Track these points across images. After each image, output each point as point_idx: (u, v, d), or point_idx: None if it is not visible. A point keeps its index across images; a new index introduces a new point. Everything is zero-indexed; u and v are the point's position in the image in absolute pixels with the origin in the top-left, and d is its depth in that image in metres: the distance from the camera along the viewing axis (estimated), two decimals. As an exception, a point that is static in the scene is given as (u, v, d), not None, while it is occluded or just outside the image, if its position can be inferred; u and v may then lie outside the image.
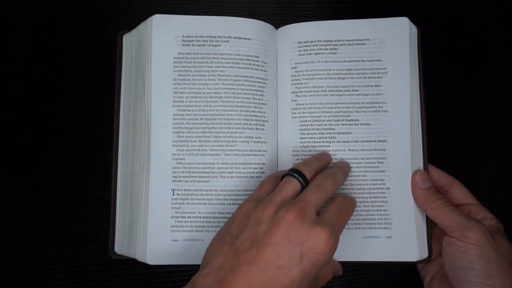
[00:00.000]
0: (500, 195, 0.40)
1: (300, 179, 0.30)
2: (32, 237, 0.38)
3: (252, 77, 0.36)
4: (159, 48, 0.36)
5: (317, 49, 0.37)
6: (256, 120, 0.36)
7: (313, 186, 0.29)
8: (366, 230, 0.35)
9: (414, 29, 0.37)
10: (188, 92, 0.36)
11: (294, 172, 0.30)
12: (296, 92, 0.37)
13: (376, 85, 0.36)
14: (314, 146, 0.36)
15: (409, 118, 0.35)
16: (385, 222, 0.35)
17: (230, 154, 0.35)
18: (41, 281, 0.38)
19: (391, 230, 0.35)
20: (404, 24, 0.37)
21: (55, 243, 0.38)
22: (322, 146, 0.36)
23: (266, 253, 0.26)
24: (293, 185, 0.30)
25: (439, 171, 0.37)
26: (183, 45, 0.36)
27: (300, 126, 0.36)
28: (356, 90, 0.36)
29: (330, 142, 0.36)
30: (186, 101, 0.36)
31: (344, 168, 0.34)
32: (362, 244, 0.35)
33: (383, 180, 0.35)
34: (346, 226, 0.34)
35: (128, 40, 0.39)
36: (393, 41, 0.36)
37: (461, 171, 0.37)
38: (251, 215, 0.28)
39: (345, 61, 0.37)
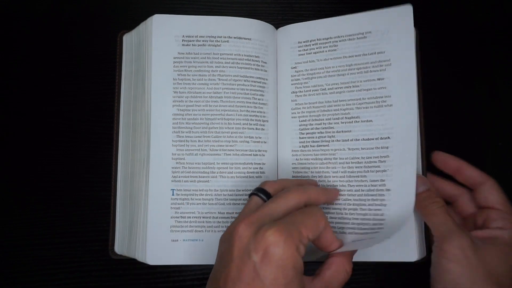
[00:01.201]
0: (500, 195, 0.40)
1: (261, 195, 0.30)
2: (32, 237, 0.38)
3: (252, 77, 0.36)
4: (159, 48, 0.36)
5: (317, 48, 0.37)
6: (256, 120, 0.36)
7: (274, 197, 0.29)
8: (361, 236, 0.33)
9: (412, 17, 0.36)
10: (188, 92, 0.36)
11: (257, 190, 0.31)
12: (296, 92, 0.37)
13: (378, 79, 0.35)
14: (313, 146, 0.36)
15: (416, 110, 0.33)
16: (379, 227, 0.33)
17: (230, 154, 0.35)
18: (41, 281, 0.38)
19: (389, 231, 0.33)
20: (408, 12, 0.34)
21: (55, 243, 0.38)
22: (321, 146, 0.36)
23: (230, 271, 0.26)
24: (254, 201, 0.30)
25: (471, 169, 0.35)
26: (183, 45, 0.36)
27: (300, 126, 0.36)
28: (357, 86, 0.35)
29: (329, 141, 0.36)
30: (186, 101, 0.36)
31: (324, 189, 0.34)
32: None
33: (383, 180, 0.34)
34: (340, 231, 0.34)
35: (128, 40, 0.39)
36: (396, 31, 0.35)
37: (461, 171, 0.37)
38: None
39: (345, 57, 0.36)
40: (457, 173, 0.36)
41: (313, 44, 0.37)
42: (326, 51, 0.37)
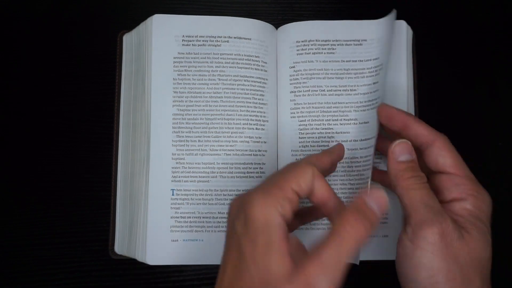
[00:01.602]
0: (500, 195, 0.40)
1: None
2: (32, 237, 0.38)
3: (252, 77, 0.36)
4: (159, 48, 0.36)
5: (315, 49, 0.37)
6: (256, 120, 0.36)
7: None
8: None
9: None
10: (188, 92, 0.36)
11: None
12: (295, 92, 0.37)
13: (374, 83, 0.36)
14: (313, 146, 0.36)
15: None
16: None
17: (230, 154, 0.35)
18: (41, 281, 0.37)
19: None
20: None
21: (55, 243, 0.38)
22: (321, 146, 0.36)
23: (223, 255, 0.25)
24: None
25: (420, 125, 0.29)
26: (183, 45, 0.36)
27: (299, 126, 0.36)
28: (354, 90, 0.36)
29: (328, 142, 0.36)
30: (186, 101, 0.36)
31: (325, 150, 0.29)
32: None
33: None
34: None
35: (128, 40, 0.39)
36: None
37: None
38: None
39: (343, 61, 0.37)
40: (404, 131, 0.29)
41: (311, 45, 0.37)
42: (324, 53, 0.37)
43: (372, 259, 0.34)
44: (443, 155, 0.28)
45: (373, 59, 0.36)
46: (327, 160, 0.28)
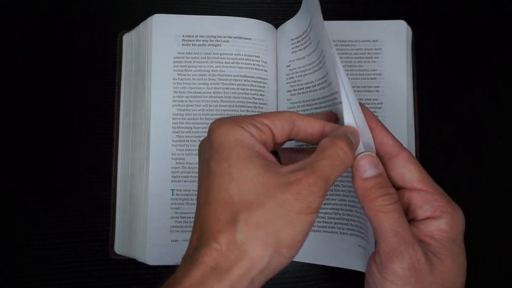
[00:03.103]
0: (500, 195, 0.40)
1: None
2: (32, 237, 0.38)
3: (252, 77, 0.36)
4: (159, 48, 0.36)
5: (305, 43, 0.36)
6: None
7: None
8: (360, 239, 0.32)
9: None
10: (188, 92, 0.36)
11: None
12: (291, 91, 0.37)
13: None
14: (308, 145, 0.36)
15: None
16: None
17: None
18: (41, 281, 0.37)
19: None
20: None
21: (55, 243, 0.38)
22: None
23: (198, 187, 0.25)
24: None
25: (385, 133, 0.26)
26: (183, 44, 0.36)
27: None
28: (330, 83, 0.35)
29: None
30: (186, 101, 0.36)
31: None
32: (357, 252, 0.32)
33: None
34: (340, 231, 0.33)
35: (128, 40, 0.39)
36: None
37: (461, 171, 0.37)
38: None
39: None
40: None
41: (302, 39, 0.36)
42: (312, 46, 0.36)
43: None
44: (410, 168, 0.26)
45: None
46: (315, 120, 0.26)
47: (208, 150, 0.23)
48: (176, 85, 0.36)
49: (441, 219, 0.25)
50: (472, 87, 0.41)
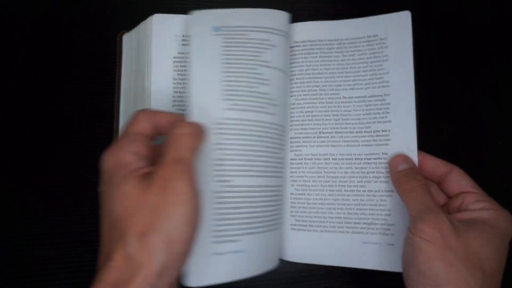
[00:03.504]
0: (500, 195, 0.40)
1: None
2: (32, 237, 0.38)
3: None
4: (159, 48, 0.36)
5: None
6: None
7: None
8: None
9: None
10: (188, 92, 0.36)
11: None
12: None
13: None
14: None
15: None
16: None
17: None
18: (41, 281, 0.37)
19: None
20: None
21: (55, 243, 0.38)
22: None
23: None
24: None
25: (434, 159, 0.33)
26: (183, 44, 0.36)
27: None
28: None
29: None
30: (186, 101, 0.36)
31: None
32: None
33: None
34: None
35: (128, 40, 0.39)
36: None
37: (461, 171, 0.37)
38: None
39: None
40: (420, 166, 0.33)
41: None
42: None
43: (377, 268, 0.34)
44: (465, 178, 0.32)
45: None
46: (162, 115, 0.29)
47: (101, 181, 0.27)
48: (176, 85, 0.36)
49: (486, 211, 0.30)
50: (472, 87, 0.41)
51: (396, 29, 0.35)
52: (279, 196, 0.35)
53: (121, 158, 0.26)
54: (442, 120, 0.41)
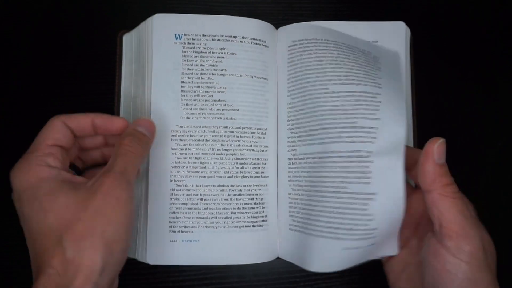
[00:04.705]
0: (500, 195, 0.40)
1: None
2: (32, 237, 0.38)
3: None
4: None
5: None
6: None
7: None
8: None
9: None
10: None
11: None
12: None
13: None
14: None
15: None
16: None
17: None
18: (41, 281, 0.37)
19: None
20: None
21: (55, 243, 0.38)
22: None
23: None
24: None
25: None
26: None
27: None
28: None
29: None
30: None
31: None
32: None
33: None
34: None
35: (128, 40, 0.39)
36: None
37: (461, 171, 0.37)
38: None
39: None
40: (414, 167, 0.30)
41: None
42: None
43: (353, 265, 0.32)
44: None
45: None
46: (84, 117, 0.31)
47: (17, 200, 0.27)
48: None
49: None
50: (472, 87, 0.41)
51: (389, 38, 0.36)
52: (252, 195, 0.35)
53: (43, 174, 0.27)
54: (441, 120, 0.41)
